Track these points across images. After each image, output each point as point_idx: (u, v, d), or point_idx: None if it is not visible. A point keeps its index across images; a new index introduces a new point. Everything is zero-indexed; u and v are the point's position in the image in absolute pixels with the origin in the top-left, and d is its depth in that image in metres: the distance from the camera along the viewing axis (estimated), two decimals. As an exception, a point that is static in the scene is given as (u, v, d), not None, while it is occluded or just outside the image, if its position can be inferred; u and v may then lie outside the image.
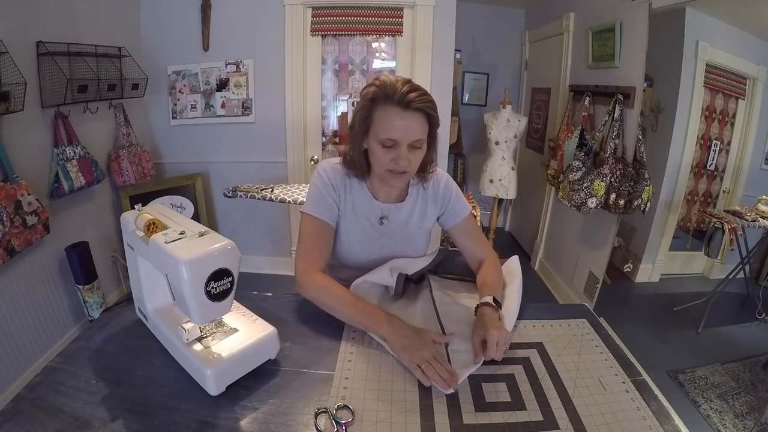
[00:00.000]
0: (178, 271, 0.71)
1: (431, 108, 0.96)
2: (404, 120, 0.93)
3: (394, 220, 1.14)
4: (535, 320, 1.01)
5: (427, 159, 1.07)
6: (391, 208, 1.12)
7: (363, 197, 1.11)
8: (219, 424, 0.69)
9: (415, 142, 0.96)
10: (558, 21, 2.96)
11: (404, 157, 0.96)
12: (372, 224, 1.12)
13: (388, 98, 0.93)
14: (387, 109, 0.94)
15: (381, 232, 1.13)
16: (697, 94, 2.18)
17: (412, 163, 0.99)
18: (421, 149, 1.00)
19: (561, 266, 2.98)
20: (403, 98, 0.92)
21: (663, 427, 0.71)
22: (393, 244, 1.15)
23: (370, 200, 1.11)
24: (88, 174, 2.17)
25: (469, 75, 3.84)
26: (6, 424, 0.68)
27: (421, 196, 1.16)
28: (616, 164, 2.14)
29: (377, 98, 0.95)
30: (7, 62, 1.65)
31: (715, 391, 1.91)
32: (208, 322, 0.80)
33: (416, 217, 1.16)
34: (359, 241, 1.13)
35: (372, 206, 1.12)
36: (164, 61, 2.73)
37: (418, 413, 0.73)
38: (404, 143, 0.95)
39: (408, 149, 0.96)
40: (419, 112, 0.94)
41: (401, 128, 0.94)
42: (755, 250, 2.22)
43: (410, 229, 1.16)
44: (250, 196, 2.40)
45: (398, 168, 0.98)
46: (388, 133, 0.94)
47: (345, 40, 2.80)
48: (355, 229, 1.12)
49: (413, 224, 1.16)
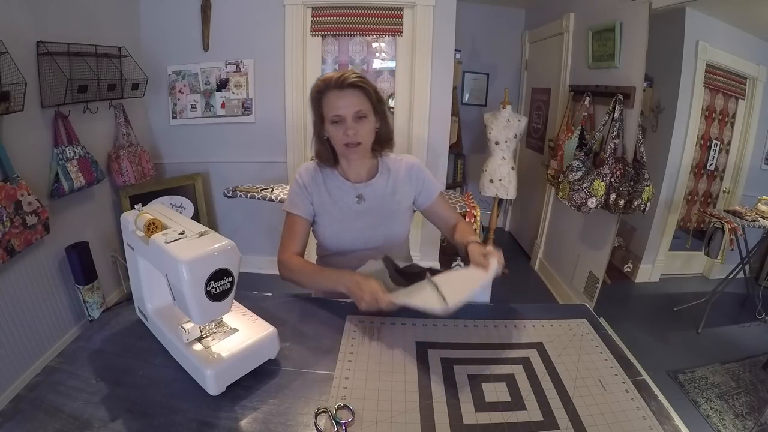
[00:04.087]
0: (178, 271, 0.71)
1: (363, 82, 1.12)
2: (343, 97, 1.11)
3: (370, 196, 1.24)
4: (535, 320, 1.01)
5: (382, 132, 1.21)
6: (363, 186, 1.24)
7: (337, 183, 1.25)
8: (219, 424, 0.69)
9: (357, 112, 1.11)
10: (558, 21, 2.96)
11: (351, 127, 1.12)
12: (349, 205, 1.23)
13: (328, 86, 1.12)
14: (329, 95, 1.12)
15: (359, 211, 1.23)
16: (697, 94, 2.18)
17: (360, 132, 1.13)
18: (367, 119, 1.14)
19: (561, 266, 2.98)
20: (338, 81, 1.11)
21: (663, 427, 0.71)
22: (373, 220, 1.23)
23: (343, 183, 1.24)
24: (88, 174, 2.17)
25: (469, 75, 3.84)
26: (6, 424, 0.68)
27: (392, 174, 1.27)
28: (616, 164, 2.14)
29: (321, 90, 1.13)
30: (7, 62, 1.65)
31: (715, 391, 1.91)
32: (208, 322, 0.80)
33: (392, 191, 1.25)
34: (339, 222, 1.23)
35: (345, 188, 1.24)
36: (164, 61, 2.73)
37: (418, 413, 0.73)
38: (348, 116, 1.11)
39: (354, 121, 1.12)
40: (353, 87, 1.11)
41: (342, 104, 1.11)
42: (755, 250, 2.22)
43: (389, 204, 1.25)
44: (250, 196, 2.40)
45: (350, 139, 1.12)
46: (334, 111, 1.12)
47: (345, 40, 2.80)
48: (334, 212, 1.23)
49: (391, 199, 1.25)
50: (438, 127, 2.85)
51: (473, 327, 0.98)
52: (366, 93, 1.12)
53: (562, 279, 2.92)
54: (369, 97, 1.13)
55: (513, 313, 1.05)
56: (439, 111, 2.82)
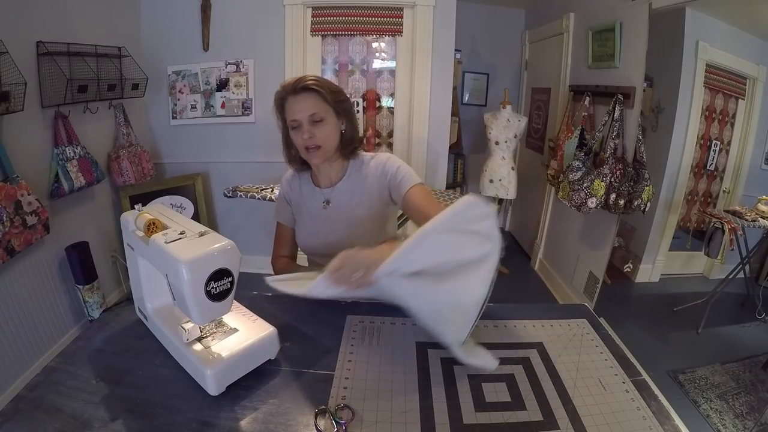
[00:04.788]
0: (178, 271, 0.71)
1: (317, 85, 1.11)
2: (298, 102, 1.11)
3: (336, 202, 1.23)
4: (535, 320, 1.01)
5: (346, 134, 1.19)
6: (330, 191, 1.23)
7: (308, 188, 1.27)
8: (219, 424, 0.69)
9: (312, 116, 1.11)
10: (558, 21, 2.96)
11: (307, 131, 1.11)
12: (317, 209, 1.24)
13: (286, 93, 1.13)
14: (288, 101, 1.13)
15: (325, 217, 1.24)
16: (697, 94, 2.18)
17: (318, 136, 1.12)
18: (325, 121, 1.12)
19: (561, 266, 2.98)
20: (293, 86, 1.11)
21: (663, 427, 0.71)
22: (336, 227, 1.22)
23: (313, 188, 1.26)
24: (88, 174, 2.17)
25: (469, 75, 3.84)
26: (6, 424, 0.68)
27: (361, 177, 1.22)
28: (616, 164, 2.14)
29: (282, 96, 1.14)
30: (7, 62, 1.65)
31: (715, 391, 1.91)
32: (208, 322, 0.80)
33: (359, 199, 1.21)
34: (305, 227, 1.27)
35: (314, 193, 1.26)
36: (164, 61, 2.73)
37: (418, 413, 0.73)
38: (304, 120, 1.11)
39: (311, 124, 1.11)
40: (307, 90, 1.11)
41: (298, 108, 1.11)
42: (755, 250, 2.22)
43: (355, 212, 1.21)
44: (250, 196, 2.40)
45: (308, 143, 1.12)
46: (291, 116, 1.13)
47: (345, 40, 2.80)
48: (305, 216, 1.27)
49: (357, 207, 1.21)
50: (438, 127, 2.85)
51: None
52: (321, 95, 1.11)
53: (562, 279, 2.92)
54: (325, 99, 1.11)
55: (513, 313, 1.05)
56: (439, 111, 2.82)
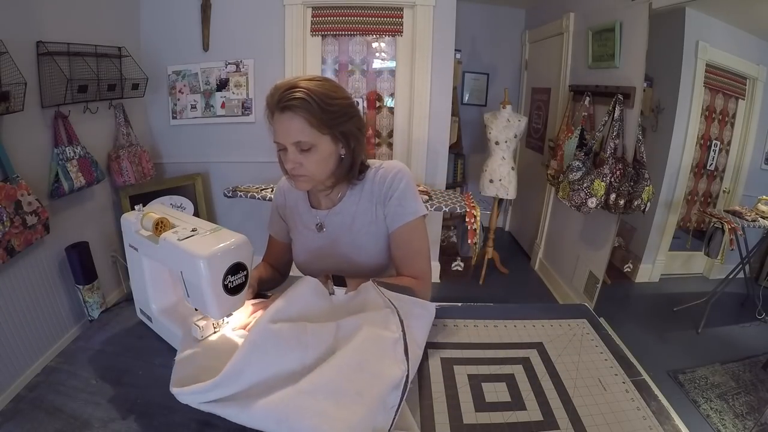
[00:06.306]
0: (196, 267, 0.72)
1: (299, 104, 0.86)
2: (281, 123, 0.90)
3: (332, 226, 1.06)
4: (535, 320, 1.01)
5: (346, 160, 0.98)
6: (325, 214, 1.06)
7: (303, 206, 1.11)
8: (219, 424, 0.69)
9: (297, 143, 0.89)
10: (558, 21, 2.96)
11: (290, 160, 0.91)
12: (312, 232, 1.09)
13: (271, 103, 0.91)
14: (273, 114, 0.91)
15: (321, 241, 1.08)
16: (697, 94, 2.18)
17: (305, 166, 0.92)
18: (313, 151, 0.91)
19: (561, 266, 2.98)
20: (276, 100, 0.88)
21: (663, 427, 0.71)
22: (334, 251, 1.06)
23: (308, 209, 1.10)
24: (88, 174, 2.17)
25: (469, 75, 3.84)
26: (6, 424, 0.68)
27: (364, 196, 1.04)
28: (616, 164, 2.14)
29: (267, 105, 0.92)
30: (7, 62, 1.65)
31: (715, 391, 1.91)
32: (224, 316, 0.82)
33: (361, 221, 1.04)
34: (303, 252, 1.12)
35: (309, 214, 1.09)
36: (164, 61, 2.73)
37: (418, 413, 0.73)
38: (288, 145, 0.90)
39: (298, 151, 0.90)
40: (288, 111, 0.87)
41: (279, 130, 0.90)
42: (755, 250, 2.22)
43: (355, 234, 1.05)
44: (250, 196, 2.40)
45: (293, 171, 0.93)
46: (274, 136, 0.92)
47: (345, 40, 2.80)
48: (300, 239, 1.12)
49: (358, 228, 1.05)
50: (438, 127, 2.85)
51: (473, 327, 0.98)
52: (309, 119, 0.87)
53: (562, 279, 2.92)
54: (316, 122, 0.88)
55: (513, 313, 1.04)
56: (439, 111, 2.82)
